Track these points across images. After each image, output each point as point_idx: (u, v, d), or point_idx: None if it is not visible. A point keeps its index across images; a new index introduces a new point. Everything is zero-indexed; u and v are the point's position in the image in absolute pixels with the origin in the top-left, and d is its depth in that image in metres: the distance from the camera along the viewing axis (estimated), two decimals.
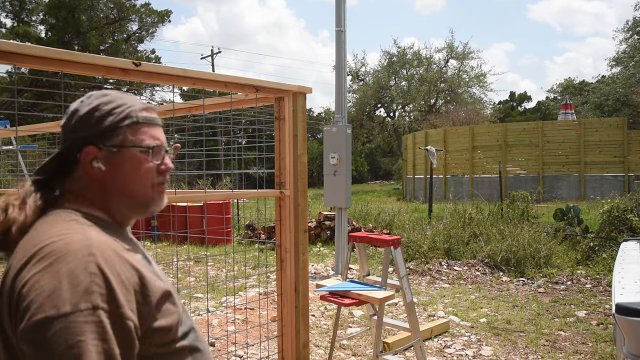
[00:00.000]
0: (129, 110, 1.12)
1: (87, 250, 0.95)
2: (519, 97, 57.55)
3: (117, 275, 0.95)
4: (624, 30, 28.49)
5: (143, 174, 1.12)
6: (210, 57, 36.88)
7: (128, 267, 0.99)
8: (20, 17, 26.99)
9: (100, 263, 0.94)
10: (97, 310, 0.89)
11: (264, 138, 3.11)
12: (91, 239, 0.98)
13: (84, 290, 0.90)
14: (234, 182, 11.60)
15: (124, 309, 0.93)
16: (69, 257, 0.93)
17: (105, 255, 0.96)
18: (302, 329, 2.62)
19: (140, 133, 1.12)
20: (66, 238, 0.97)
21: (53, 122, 4.04)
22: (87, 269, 0.92)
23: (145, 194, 1.13)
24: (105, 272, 0.93)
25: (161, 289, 1.03)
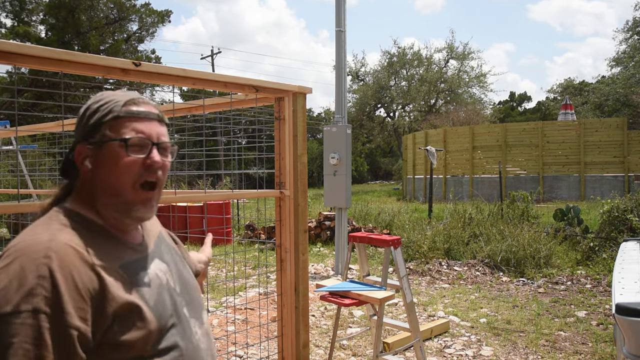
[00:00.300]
0: (112, 106, 1.09)
1: (45, 252, 0.94)
2: (519, 97, 57.56)
3: (71, 281, 0.93)
4: (623, 30, 28.51)
5: (122, 169, 1.07)
6: (210, 57, 36.90)
7: (89, 274, 0.96)
8: (20, 17, 26.99)
9: (53, 266, 0.92)
10: (38, 314, 0.88)
11: (264, 138, 3.12)
12: (55, 240, 0.97)
13: (27, 292, 0.89)
14: (234, 182, 11.59)
15: (68, 316, 0.90)
16: (25, 257, 0.93)
17: (63, 259, 0.94)
18: (302, 329, 2.62)
19: (121, 127, 1.08)
20: (34, 238, 0.97)
21: (53, 122, 4.04)
22: (37, 271, 0.91)
23: (125, 192, 1.07)
24: (55, 275, 0.91)
25: (125, 300, 0.99)
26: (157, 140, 1.12)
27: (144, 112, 1.12)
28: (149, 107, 1.14)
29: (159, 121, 1.15)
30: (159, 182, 1.12)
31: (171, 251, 1.28)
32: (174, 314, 1.11)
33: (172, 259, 1.24)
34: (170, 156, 1.16)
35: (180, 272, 1.23)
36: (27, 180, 8.43)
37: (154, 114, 1.14)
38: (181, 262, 1.28)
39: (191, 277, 1.28)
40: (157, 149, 1.11)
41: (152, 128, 1.12)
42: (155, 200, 1.13)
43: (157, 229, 1.31)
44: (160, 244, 1.24)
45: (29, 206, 1.91)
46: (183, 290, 1.19)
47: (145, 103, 1.14)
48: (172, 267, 1.21)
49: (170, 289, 1.14)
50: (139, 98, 1.14)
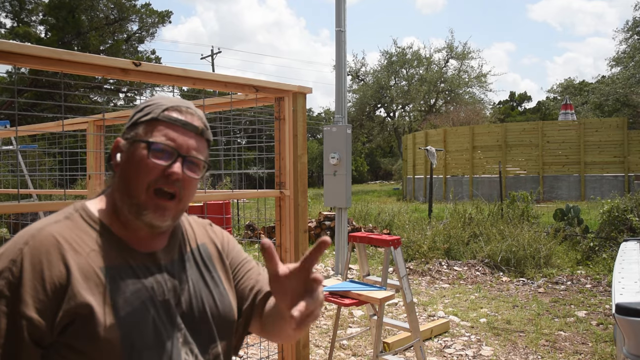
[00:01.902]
0: (155, 108, 1.08)
1: (27, 238, 0.97)
2: (519, 97, 57.58)
3: (38, 270, 0.93)
4: (624, 30, 28.50)
5: (141, 171, 1.03)
6: (210, 57, 36.90)
7: (60, 268, 0.95)
8: (20, 17, 26.99)
9: (25, 253, 0.94)
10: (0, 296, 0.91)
11: (264, 138, 3.12)
12: (43, 229, 0.99)
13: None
14: (234, 182, 11.59)
15: (23, 305, 0.91)
16: (13, 241, 0.98)
17: (38, 247, 0.95)
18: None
19: (154, 130, 1.06)
20: (34, 225, 1.01)
21: (53, 122, 4.04)
22: (11, 255, 0.94)
23: (139, 194, 1.03)
24: (24, 261, 0.93)
25: (84, 301, 0.94)
26: (187, 152, 1.07)
27: (182, 120, 1.08)
28: (192, 119, 1.10)
29: (197, 134, 1.10)
30: (177, 195, 1.06)
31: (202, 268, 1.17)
32: (158, 334, 1.02)
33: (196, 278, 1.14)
34: (199, 173, 1.10)
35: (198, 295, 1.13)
36: (27, 180, 8.42)
37: (193, 126, 1.09)
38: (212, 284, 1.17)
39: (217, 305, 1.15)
40: (185, 162, 1.06)
41: (186, 139, 1.07)
42: (171, 210, 1.06)
43: (200, 240, 1.22)
44: (188, 260, 1.16)
45: (29, 206, 1.91)
46: (190, 313, 1.10)
47: (190, 114, 1.10)
48: (189, 286, 1.11)
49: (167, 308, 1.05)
50: (186, 107, 1.10)
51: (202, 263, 1.19)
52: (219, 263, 1.23)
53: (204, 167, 1.12)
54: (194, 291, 1.12)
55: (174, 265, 1.12)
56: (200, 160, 1.09)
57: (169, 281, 1.08)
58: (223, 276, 1.22)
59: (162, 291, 1.06)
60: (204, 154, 1.11)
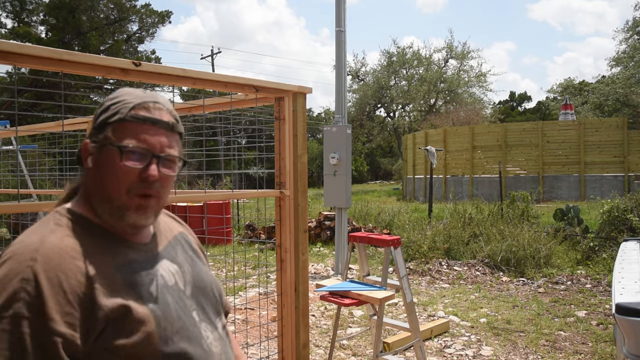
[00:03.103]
0: (121, 107, 1.04)
1: (31, 254, 0.90)
2: (519, 97, 57.57)
3: (57, 285, 0.89)
4: (624, 30, 28.51)
5: (117, 176, 1.02)
6: (210, 57, 36.90)
7: (78, 277, 0.92)
8: (21, 17, 26.99)
9: (38, 269, 0.88)
10: (19, 319, 0.85)
11: (264, 138, 3.12)
12: (44, 242, 0.93)
13: (9, 297, 0.86)
14: (234, 182, 11.59)
15: (52, 322, 0.86)
16: (12, 260, 0.90)
17: (50, 262, 0.90)
18: (302, 329, 2.62)
19: (124, 132, 1.02)
20: (25, 240, 0.94)
21: (53, 122, 4.04)
22: (21, 274, 0.88)
23: (119, 200, 1.02)
24: (40, 279, 0.88)
25: (116, 304, 0.94)
26: (160, 151, 1.05)
27: (151, 118, 1.05)
28: (161, 114, 1.07)
29: (168, 130, 1.07)
30: (157, 194, 1.06)
31: (188, 252, 1.22)
32: (181, 317, 1.05)
33: (187, 260, 1.18)
34: (175, 168, 1.09)
35: (197, 274, 1.17)
36: (27, 180, 8.42)
37: (163, 122, 1.06)
38: (200, 264, 1.23)
39: (210, 281, 1.21)
40: (160, 161, 1.05)
41: (158, 138, 1.05)
42: (152, 208, 1.06)
43: (177, 229, 1.26)
44: (176, 244, 1.19)
45: (29, 206, 1.91)
46: (196, 292, 1.14)
47: (158, 109, 1.07)
48: (186, 269, 1.15)
49: (179, 291, 1.09)
50: (153, 102, 1.07)
51: (188, 247, 1.24)
52: (200, 250, 1.31)
53: (180, 162, 1.11)
54: (193, 271, 1.17)
55: (168, 250, 1.15)
56: (175, 157, 1.08)
57: (171, 266, 1.12)
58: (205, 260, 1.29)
59: (170, 277, 1.09)
60: (177, 149, 1.10)
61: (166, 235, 1.19)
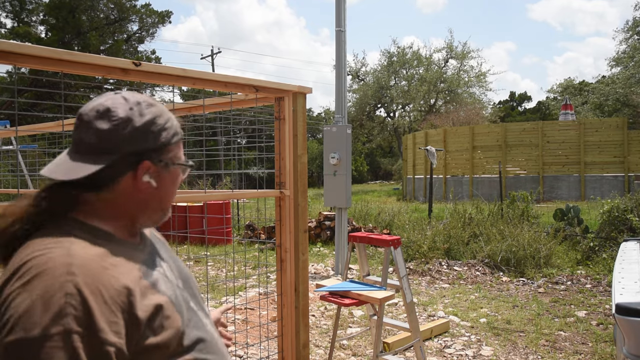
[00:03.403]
0: (176, 126, 1.12)
1: (67, 268, 0.89)
2: (519, 97, 57.58)
3: (99, 295, 0.89)
4: (624, 30, 28.52)
5: (176, 189, 1.16)
6: (210, 57, 36.90)
7: (115, 285, 0.92)
8: (21, 17, 27.00)
9: (79, 282, 0.88)
10: (70, 334, 0.84)
11: (264, 138, 3.12)
12: (74, 255, 0.92)
13: (56, 313, 0.84)
14: (234, 182, 11.59)
15: (102, 333, 0.87)
16: (47, 275, 0.88)
17: (88, 274, 0.90)
18: (302, 329, 2.62)
19: (181, 149, 1.15)
20: (48, 253, 0.92)
21: (53, 122, 4.04)
22: (63, 289, 0.87)
23: (170, 206, 1.17)
24: (83, 292, 0.87)
25: (154, 304, 0.97)
26: None
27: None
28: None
29: None
30: None
31: (166, 246, 1.27)
32: (187, 308, 1.10)
33: (169, 255, 1.22)
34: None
35: (179, 266, 1.22)
36: (27, 180, 8.43)
37: None
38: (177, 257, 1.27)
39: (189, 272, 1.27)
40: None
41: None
42: None
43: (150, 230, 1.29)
44: (156, 241, 1.23)
45: None
46: (185, 284, 1.17)
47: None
48: (171, 263, 1.19)
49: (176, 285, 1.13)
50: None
51: (163, 243, 1.28)
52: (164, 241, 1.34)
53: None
54: (176, 266, 1.20)
55: (154, 247, 1.19)
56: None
57: (163, 262, 1.15)
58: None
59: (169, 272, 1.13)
60: None
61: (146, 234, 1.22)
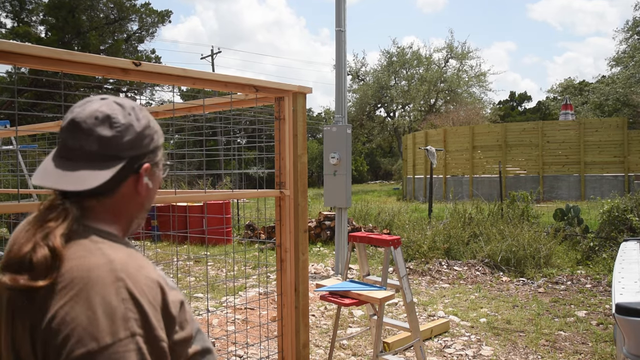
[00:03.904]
0: (160, 130, 1.17)
1: (114, 274, 0.92)
2: (519, 97, 57.57)
3: (146, 297, 0.93)
4: (624, 30, 28.52)
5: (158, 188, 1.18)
6: (210, 57, 36.90)
7: (152, 285, 0.96)
8: (20, 17, 26.99)
9: (130, 287, 0.92)
10: (135, 336, 0.88)
11: (264, 138, 3.12)
12: (113, 261, 0.94)
13: (121, 319, 0.88)
14: (234, 182, 11.60)
15: (157, 331, 0.92)
16: (97, 284, 0.89)
17: (132, 278, 0.93)
18: (302, 329, 2.62)
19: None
20: (86, 262, 0.93)
21: (53, 122, 4.04)
22: (119, 295, 0.89)
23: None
24: (135, 295, 0.91)
25: (178, 300, 1.02)
26: None
27: None
28: None
29: None
30: None
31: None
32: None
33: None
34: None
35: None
36: (27, 180, 8.42)
37: None
38: None
39: None
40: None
41: None
42: None
43: None
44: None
45: (29, 206, 1.91)
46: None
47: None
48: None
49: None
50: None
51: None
52: None
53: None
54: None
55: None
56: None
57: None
58: None
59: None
60: None
61: None
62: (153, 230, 9.78)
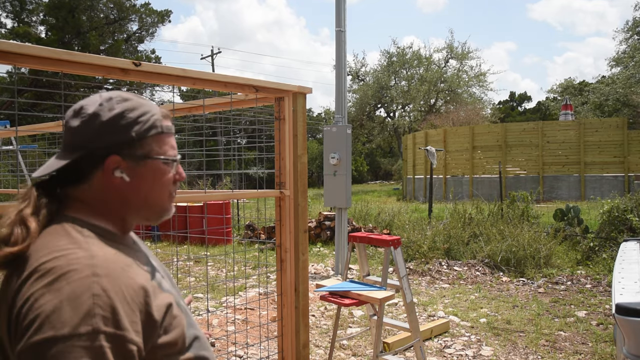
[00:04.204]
0: (154, 120, 1.09)
1: (91, 269, 0.91)
2: (519, 97, 57.59)
3: (122, 296, 0.91)
4: (624, 30, 28.54)
5: (164, 185, 1.12)
6: (210, 57, 36.90)
7: (134, 286, 0.94)
8: (21, 17, 27.00)
9: (104, 283, 0.90)
10: (98, 334, 0.86)
11: (264, 138, 3.12)
12: (95, 256, 0.94)
13: (85, 313, 0.86)
14: (234, 182, 11.60)
15: (127, 332, 0.89)
16: (72, 276, 0.89)
17: (111, 275, 0.92)
18: (302, 329, 2.62)
19: (163, 143, 1.11)
20: (69, 254, 0.93)
21: (53, 122, 4.04)
22: (90, 290, 0.88)
23: (163, 204, 1.13)
24: (109, 293, 0.89)
25: (165, 304, 0.99)
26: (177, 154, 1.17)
27: (172, 128, 1.16)
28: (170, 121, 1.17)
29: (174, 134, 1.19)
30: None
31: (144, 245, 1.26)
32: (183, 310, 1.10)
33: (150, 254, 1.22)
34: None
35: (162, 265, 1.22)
36: (27, 180, 8.43)
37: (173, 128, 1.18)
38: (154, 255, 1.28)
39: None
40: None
41: (174, 143, 1.16)
42: None
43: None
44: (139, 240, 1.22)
45: None
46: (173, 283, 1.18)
47: (170, 116, 1.17)
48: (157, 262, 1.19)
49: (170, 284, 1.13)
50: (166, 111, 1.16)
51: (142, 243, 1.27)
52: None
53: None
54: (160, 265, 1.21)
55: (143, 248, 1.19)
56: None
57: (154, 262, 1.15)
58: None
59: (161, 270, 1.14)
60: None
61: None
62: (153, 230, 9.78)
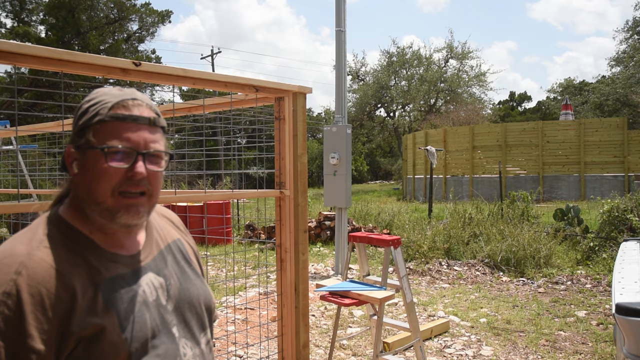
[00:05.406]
0: (99, 108, 1.02)
1: (16, 267, 0.89)
2: (519, 97, 57.55)
3: (39, 300, 0.88)
4: (624, 30, 28.55)
5: (101, 178, 1.00)
6: (210, 57, 36.90)
7: (60, 294, 0.91)
8: (20, 17, 26.99)
9: (21, 284, 0.87)
10: None
11: (264, 138, 3.12)
12: (32, 255, 0.92)
13: None
14: (234, 182, 11.60)
15: (29, 339, 0.86)
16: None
17: (34, 276, 0.89)
18: (302, 329, 2.62)
19: (105, 133, 1.01)
20: (8, 249, 0.93)
21: (53, 122, 4.04)
22: (3, 287, 0.87)
23: (104, 200, 1.01)
24: (22, 294, 0.87)
25: (93, 323, 0.94)
26: (145, 148, 1.03)
27: (132, 116, 1.02)
28: (141, 110, 1.04)
29: (151, 126, 1.05)
30: (147, 192, 1.04)
31: (180, 262, 1.19)
32: (156, 333, 1.03)
33: (176, 272, 1.16)
34: (162, 164, 1.07)
35: (184, 287, 1.14)
36: (27, 180, 8.43)
37: (144, 118, 1.04)
38: (193, 276, 1.20)
39: (199, 294, 1.18)
40: (146, 157, 1.03)
41: (140, 134, 1.03)
42: (144, 206, 1.04)
43: (173, 236, 1.22)
44: (168, 254, 1.16)
45: (29, 206, 1.91)
46: (180, 307, 1.11)
47: (137, 105, 1.04)
48: (173, 281, 1.13)
49: (159, 307, 1.06)
50: (132, 99, 1.05)
51: (181, 257, 1.20)
52: (194, 259, 1.26)
53: (166, 157, 1.09)
54: (180, 284, 1.13)
55: (156, 262, 1.12)
56: (161, 152, 1.06)
57: (155, 279, 1.09)
58: (199, 270, 1.26)
59: (152, 291, 1.06)
60: (162, 143, 1.08)
61: (158, 244, 1.16)
62: None
